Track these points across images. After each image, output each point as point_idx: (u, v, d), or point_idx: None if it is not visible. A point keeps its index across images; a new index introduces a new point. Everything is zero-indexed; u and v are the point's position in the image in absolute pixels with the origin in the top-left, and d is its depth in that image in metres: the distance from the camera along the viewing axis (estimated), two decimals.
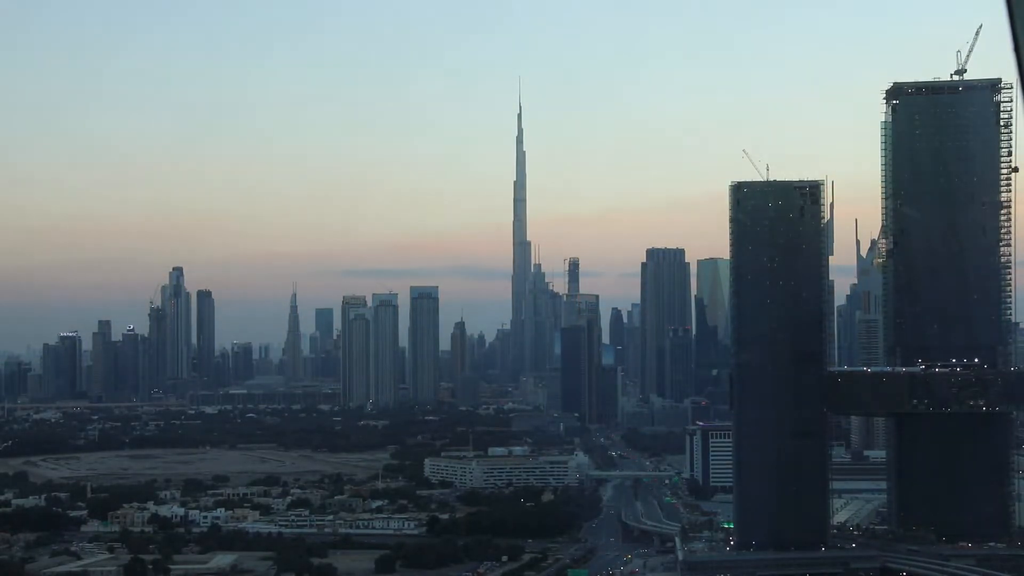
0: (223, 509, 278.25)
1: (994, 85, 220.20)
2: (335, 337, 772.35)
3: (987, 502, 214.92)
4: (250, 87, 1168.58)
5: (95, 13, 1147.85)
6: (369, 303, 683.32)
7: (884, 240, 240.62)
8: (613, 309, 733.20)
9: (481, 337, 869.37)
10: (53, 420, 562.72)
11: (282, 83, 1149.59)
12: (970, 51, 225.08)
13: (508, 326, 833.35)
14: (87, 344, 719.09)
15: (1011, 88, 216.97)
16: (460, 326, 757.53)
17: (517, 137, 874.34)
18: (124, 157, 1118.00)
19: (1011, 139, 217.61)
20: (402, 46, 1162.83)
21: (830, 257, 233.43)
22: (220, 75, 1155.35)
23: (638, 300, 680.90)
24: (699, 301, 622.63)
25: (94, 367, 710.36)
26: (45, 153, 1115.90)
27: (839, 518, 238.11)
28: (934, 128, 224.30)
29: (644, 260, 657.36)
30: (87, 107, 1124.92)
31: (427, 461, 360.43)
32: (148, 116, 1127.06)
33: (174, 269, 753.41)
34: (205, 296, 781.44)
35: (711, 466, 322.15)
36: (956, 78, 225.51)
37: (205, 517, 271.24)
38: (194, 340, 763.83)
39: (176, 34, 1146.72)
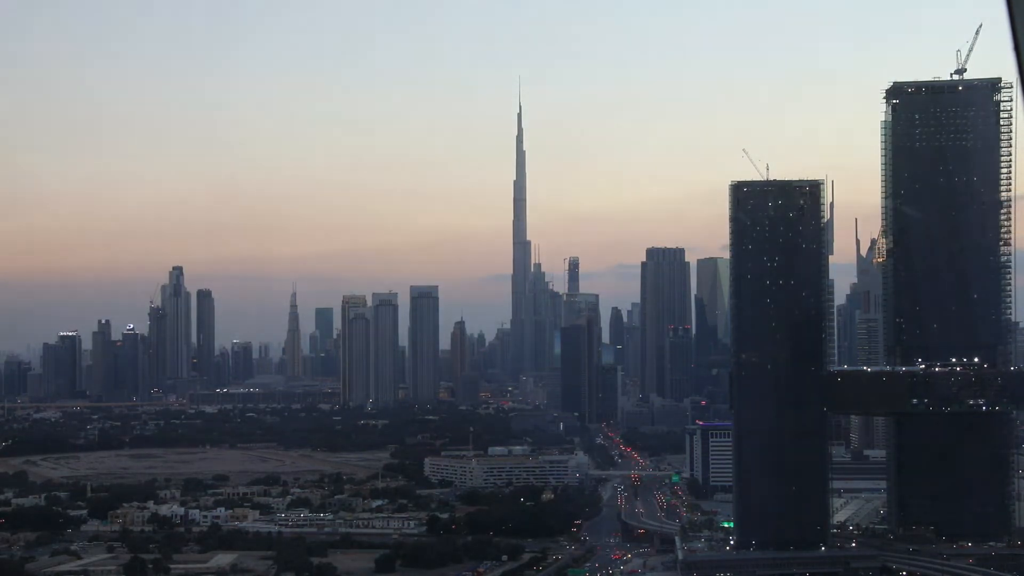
0: (223, 508, 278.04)
1: (994, 85, 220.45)
2: (335, 337, 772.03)
3: (987, 501, 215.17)
4: (248, 87, 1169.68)
5: (91, 14, 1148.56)
6: (369, 303, 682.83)
7: (884, 240, 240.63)
8: (613, 309, 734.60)
9: (481, 337, 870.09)
10: (53, 419, 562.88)
11: (281, 83, 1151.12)
12: (970, 51, 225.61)
13: (508, 326, 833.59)
14: (87, 344, 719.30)
15: (1011, 88, 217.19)
16: (460, 326, 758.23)
17: (517, 137, 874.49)
18: (124, 157, 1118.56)
19: (1011, 139, 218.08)
20: (402, 45, 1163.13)
21: (830, 257, 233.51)
22: (218, 75, 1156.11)
23: (638, 300, 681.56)
24: (699, 301, 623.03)
25: (94, 367, 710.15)
26: (45, 153, 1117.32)
27: (839, 518, 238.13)
28: (934, 128, 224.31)
29: (644, 260, 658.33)
30: (87, 107, 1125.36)
31: (427, 461, 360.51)
32: (147, 116, 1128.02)
33: (174, 269, 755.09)
34: (205, 296, 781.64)
35: (711, 466, 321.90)
36: (956, 78, 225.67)
37: (205, 516, 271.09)
38: (194, 340, 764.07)
39: (175, 33, 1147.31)
